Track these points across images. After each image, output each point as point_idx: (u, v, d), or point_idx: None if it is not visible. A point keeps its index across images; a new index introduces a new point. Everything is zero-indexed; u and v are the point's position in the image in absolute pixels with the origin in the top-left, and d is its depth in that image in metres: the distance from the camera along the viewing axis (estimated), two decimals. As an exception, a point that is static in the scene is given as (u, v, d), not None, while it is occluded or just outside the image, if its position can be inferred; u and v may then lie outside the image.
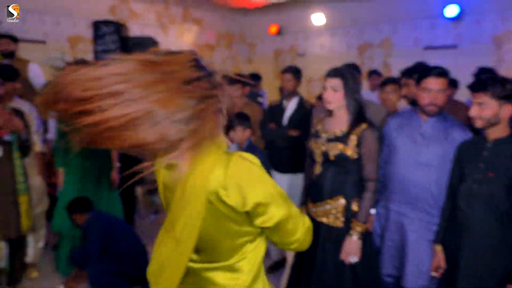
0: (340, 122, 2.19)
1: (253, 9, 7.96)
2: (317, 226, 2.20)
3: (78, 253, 3.03)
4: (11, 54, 3.85)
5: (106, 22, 4.89)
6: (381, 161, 2.34)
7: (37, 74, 3.98)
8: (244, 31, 8.50)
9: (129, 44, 4.92)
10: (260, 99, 5.06)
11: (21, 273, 3.18)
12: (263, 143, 3.55)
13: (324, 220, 2.21)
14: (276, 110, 3.40)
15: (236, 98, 3.53)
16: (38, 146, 3.32)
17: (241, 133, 2.88)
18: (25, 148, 2.95)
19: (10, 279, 3.10)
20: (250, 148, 2.95)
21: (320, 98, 4.16)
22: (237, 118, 2.90)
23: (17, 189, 2.89)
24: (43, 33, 6.00)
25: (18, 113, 2.93)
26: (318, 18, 7.18)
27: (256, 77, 5.58)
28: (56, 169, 3.34)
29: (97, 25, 4.83)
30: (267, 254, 3.51)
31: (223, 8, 7.94)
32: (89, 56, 5.23)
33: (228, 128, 2.82)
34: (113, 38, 4.85)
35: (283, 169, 3.34)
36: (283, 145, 3.31)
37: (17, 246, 3.09)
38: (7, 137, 2.81)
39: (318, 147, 2.24)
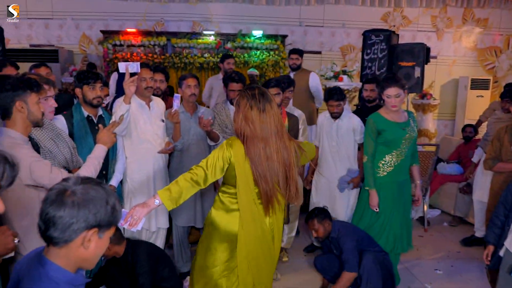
0: None
1: None
2: None
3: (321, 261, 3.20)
4: (298, 67, 4.75)
5: (376, 31, 4.94)
6: None
7: (313, 81, 4.75)
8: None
9: (396, 52, 4.81)
10: None
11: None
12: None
13: None
14: None
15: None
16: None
17: None
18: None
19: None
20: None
21: None
22: None
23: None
24: (320, 44, 6.66)
25: (291, 116, 3.34)
26: None
27: None
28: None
29: (367, 35, 4.95)
30: None
31: (518, 4, 6.66)
32: (357, 65, 5.42)
33: None
34: (381, 46, 4.87)
35: None
36: None
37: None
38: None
39: None
